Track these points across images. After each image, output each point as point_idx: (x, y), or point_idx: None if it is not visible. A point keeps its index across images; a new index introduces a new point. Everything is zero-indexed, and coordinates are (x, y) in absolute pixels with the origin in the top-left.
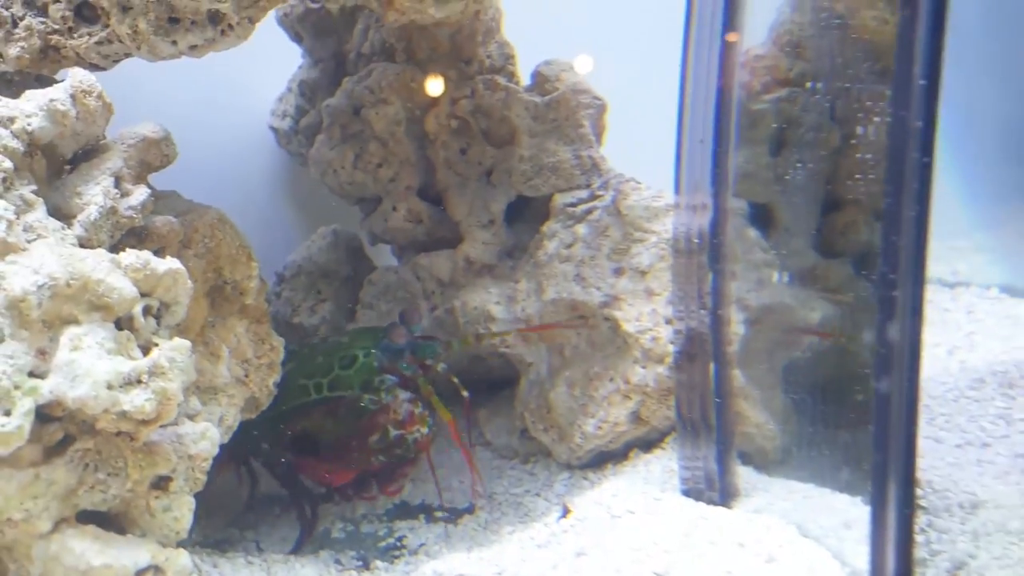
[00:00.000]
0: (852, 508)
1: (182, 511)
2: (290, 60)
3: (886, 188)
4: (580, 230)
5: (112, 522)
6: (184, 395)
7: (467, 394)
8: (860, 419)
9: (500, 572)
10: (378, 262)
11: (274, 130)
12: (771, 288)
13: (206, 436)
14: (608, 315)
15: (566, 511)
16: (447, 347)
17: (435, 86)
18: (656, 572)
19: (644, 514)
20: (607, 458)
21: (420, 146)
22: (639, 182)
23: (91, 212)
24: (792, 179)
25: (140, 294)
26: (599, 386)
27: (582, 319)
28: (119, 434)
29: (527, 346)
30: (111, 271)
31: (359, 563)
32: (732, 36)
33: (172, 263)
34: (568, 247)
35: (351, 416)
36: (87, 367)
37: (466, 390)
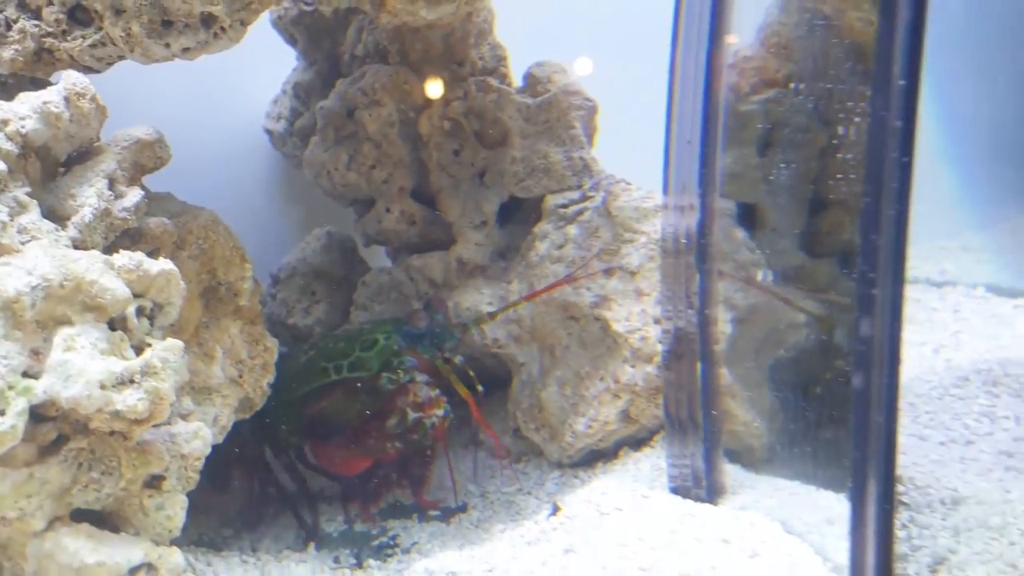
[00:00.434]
0: (835, 504)
1: (175, 509)
2: (284, 63)
3: (865, 188)
4: (571, 231)
5: (106, 520)
6: (177, 395)
7: (482, 388)
8: (844, 416)
9: (490, 569)
10: (372, 263)
11: (268, 132)
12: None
13: (199, 435)
14: (598, 315)
15: (556, 509)
16: (464, 331)
17: (428, 88)
18: (642, 568)
19: (632, 511)
20: (597, 456)
21: (413, 148)
22: (629, 183)
23: (85, 214)
24: (779, 179)
25: (133, 295)
26: (589, 385)
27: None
28: (112, 433)
29: (519, 346)
30: (104, 272)
31: (354, 562)
32: (729, 38)
33: (165, 264)
34: (559, 248)
35: (370, 397)
36: (80, 367)
37: (480, 385)
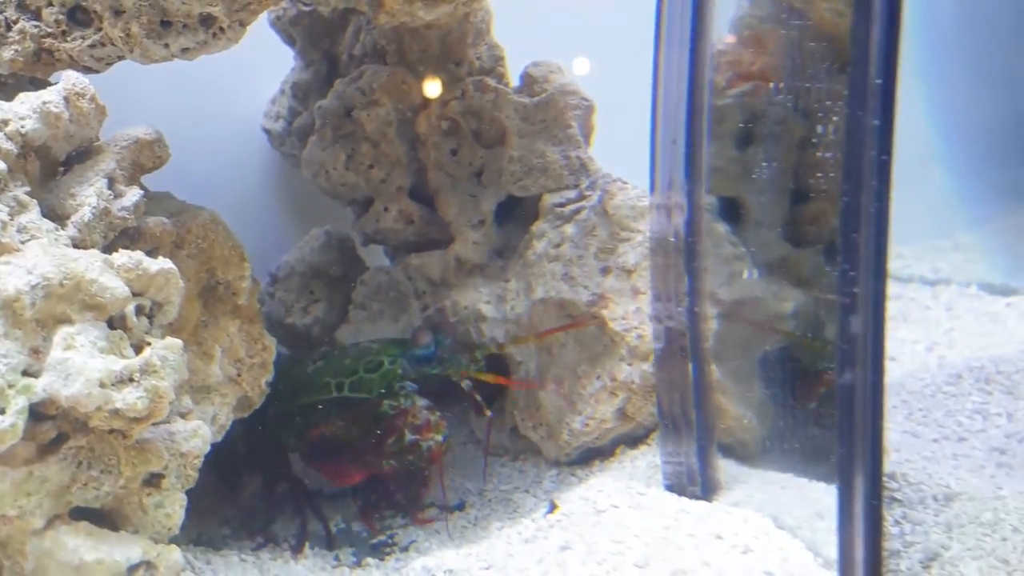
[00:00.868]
0: (826, 497)
1: (174, 508)
2: (283, 62)
3: (844, 187)
4: (568, 230)
5: (105, 519)
6: (176, 394)
7: (490, 414)
8: (832, 408)
9: (488, 567)
10: (370, 262)
11: (267, 132)
12: (742, 281)
13: (198, 434)
14: (595, 313)
15: (553, 507)
16: (472, 358)
17: (426, 88)
18: (636, 565)
19: (627, 509)
20: (594, 454)
21: (411, 147)
22: (626, 182)
23: (84, 213)
24: (759, 172)
25: (132, 294)
26: (586, 384)
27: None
28: (112, 432)
29: (516, 345)
30: (104, 271)
31: (353, 560)
32: (711, 35)
33: (164, 263)
34: (557, 247)
35: (368, 420)
36: (80, 365)
37: (489, 410)
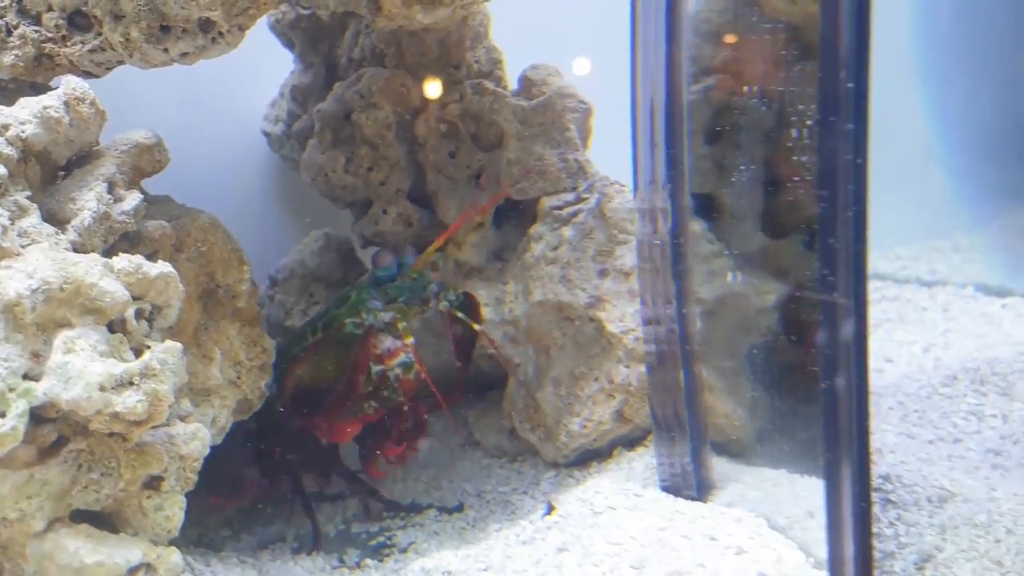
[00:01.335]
0: (818, 495)
1: (174, 510)
2: (282, 66)
3: (820, 193)
4: (566, 232)
5: (105, 521)
6: (176, 396)
7: (479, 328)
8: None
9: (485, 568)
10: (369, 265)
11: (267, 135)
12: (723, 278)
13: (197, 437)
14: (593, 316)
15: (550, 508)
16: (434, 267)
17: (424, 91)
18: (632, 566)
19: (624, 510)
20: (592, 456)
21: (410, 150)
22: (623, 185)
23: (85, 217)
24: (731, 166)
25: (132, 297)
26: (584, 386)
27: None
28: (112, 435)
29: (515, 347)
30: (104, 275)
31: (355, 561)
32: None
33: (164, 267)
34: (554, 249)
35: (341, 350)
36: (80, 369)
37: (477, 324)
